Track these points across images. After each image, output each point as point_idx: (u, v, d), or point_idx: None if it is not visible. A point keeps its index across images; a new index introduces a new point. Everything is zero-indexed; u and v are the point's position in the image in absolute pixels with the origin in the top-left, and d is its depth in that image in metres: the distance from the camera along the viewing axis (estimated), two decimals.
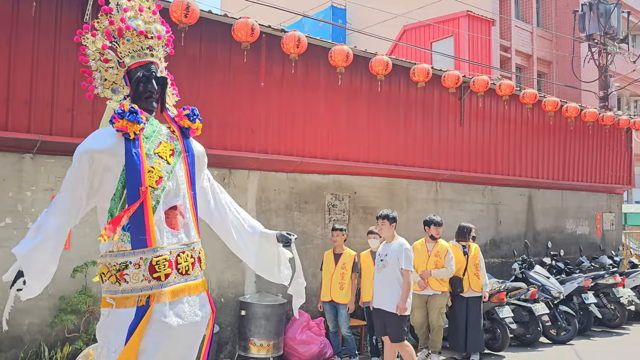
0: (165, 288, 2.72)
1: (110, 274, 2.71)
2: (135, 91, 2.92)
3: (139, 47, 2.92)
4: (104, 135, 2.82)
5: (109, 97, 2.92)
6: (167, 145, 2.93)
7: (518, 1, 18.71)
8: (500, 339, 7.36)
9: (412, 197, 9.07)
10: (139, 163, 2.74)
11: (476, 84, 8.78)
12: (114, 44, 2.91)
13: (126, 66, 2.92)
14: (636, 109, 22.25)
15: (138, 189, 2.71)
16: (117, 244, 2.71)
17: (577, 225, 12.08)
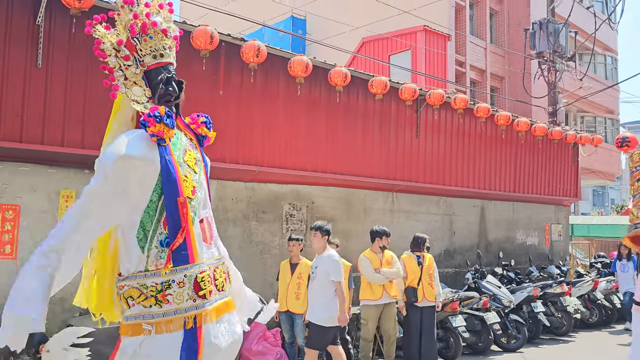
0: (210, 306, 2.51)
1: (144, 297, 2.43)
2: (155, 93, 2.68)
3: (161, 46, 2.69)
4: (136, 140, 2.52)
5: (134, 97, 2.65)
6: (191, 154, 2.74)
7: (473, 18, 19.28)
8: (453, 347, 7.50)
9: (369, 207, 9.17)
10: (174, 172, 2.51)
11: (432, 97, 8.99)
12: (134, 40, 2.66)
13: (146, 66, 2.68)
14: (583, 124, 23.22)
15: (175, 200, 2.47)
16: (153, 262, 2.45)
17: (527, 236, 12.47)
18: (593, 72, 21.32)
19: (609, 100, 22.46)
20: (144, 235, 2.48)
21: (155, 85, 2.66)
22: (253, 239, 7.72)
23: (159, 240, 2.46)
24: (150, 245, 2.46)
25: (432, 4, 17.26)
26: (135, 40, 2.65)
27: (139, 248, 2.47)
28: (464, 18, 18.27)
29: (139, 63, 2.67)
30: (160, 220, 2.48)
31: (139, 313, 2.44)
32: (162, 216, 2.48)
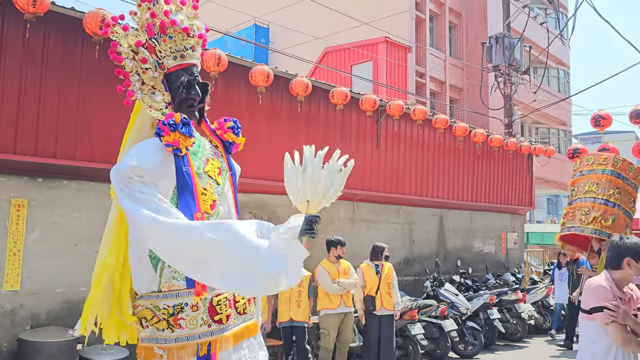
0: (227, 332, 2.29)
1: (157, 319, 2.24)
2: (176, 98, 2.46)
3: (182, 47, 2.46)
4: (150, 150, 2.30)
5: (149, 104, 2.42)
6: (214, 163, 2.51)
7: (433, 30, 19.71)
8: (412, 355, 7.60)
9: (330, 217, 9.22)
10: (191, 184, 2.30)
11: (392, 108, 9.14)
12: (153, 42, 2.44)
13: (166, 68, 2.45)
14: (537, 135, 23.97)
15: (192, 215, 2.25)
16: (166, 283, 2.26)
17: (484, 244, 12.77)
18: (547, 85, 22.07)
19: (562, 112, 23.30)
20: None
21: (175, 89, 2.44)
22: None
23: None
24: (164, 265, 2.25)
25: (394, 16, 17.58)
26: (154, 41, 2.43)
27: (152, 267, 2.27)
28: (424, 30, 18.66)
29: (158, 65, 2.45)
30: None
31: (152, 336, 2.27)
32: None
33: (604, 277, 3.41)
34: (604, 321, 3.23)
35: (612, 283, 3.35)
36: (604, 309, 3.22)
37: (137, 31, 2.47)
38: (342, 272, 6.96)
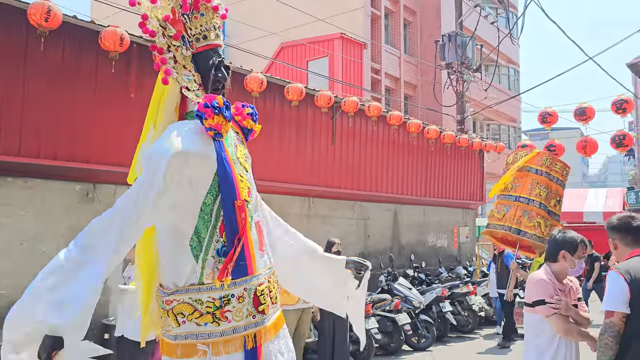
0: (268, 323, 2.25)
1: (199, 314, 2.14)
2: (205, 80, 2.35)
3: (211, 26, 2.36)
4: (192, 133, 2.20)
5: (184, 84, 2.29)
6: (241, 150, 2.44)
7: (388, 27, 19.93)
8: (366, 349, 7.70)
9: (285, 213, 9.21)
10: (230, 170, 2.22)
11: (347, 104, 9.20)
12: (184, 18, 2.31)
13: (195, 47, 2.34)
14: (488, 132, 24.65)
15: (233, 203, 2.18)
16: (210, 274, 2.16)
17: (437, 239, 13.06)
18: (497, 83, 22.70)
19: (512, 109, 24.02)
20: (199, 244, 2.18)
21: (205, 71, 2.34)
22: None
23: (216, 249, 2.17)
24: (207, 255, 2.17)
25: (350, 13, 17.67)
26: (186, 18, 2.31)
27: (193, 258, 2.17)
28: (379, 27, 18.85)
29: (188, 44, 2.33)
30: (216, 226, 2.19)
31: (192, 332, 2.15)
32: (218, 222, 2.19)
33: (544, 270, 3.56)
34: (546, 314, 3.36)
35: (552, 276, 3.49)
36: (545, 302, 3.36)
37: (177, 5, 2.34)
38: None
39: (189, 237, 2.19)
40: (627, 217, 3.15)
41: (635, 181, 39.83)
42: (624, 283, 2.80)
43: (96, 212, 3.44)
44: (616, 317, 2.79)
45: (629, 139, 10.46)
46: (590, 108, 10.43)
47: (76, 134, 6.36)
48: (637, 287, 2.77)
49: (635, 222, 3.07)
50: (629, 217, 3.14)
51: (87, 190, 6.75)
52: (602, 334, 2.83)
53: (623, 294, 2.79)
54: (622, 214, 3.24)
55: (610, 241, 3.17)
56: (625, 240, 3.07)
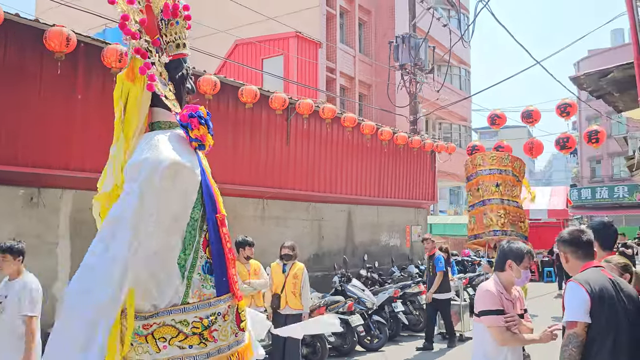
0: (247, 341, 2.18)
1: (184, 336, 2.00)
2: (177, 89, 2.28)
3: (184, 35, 2.31)
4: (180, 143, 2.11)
5: (161, 92, 2.18)
6: (205, 163, 2.41)
7: (343, 27, 20.01)
8: (319, 352, 7.75)
9: (239, 215, 9.15)
10: (209, 183, 2.17)
11: (301, 107, 9.20)
12: (162, 23, 2.23)
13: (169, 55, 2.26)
14: (440, 130, 25.17)
15: (215, 217, 2.12)
16: (196, 292, 2.04)
17: (390, 238, 13.26)
18: (449, 83, 23.17)
19: (463, 109, 24.61)
20: (185, 260, 2.06)
21: (179, 79, 2.29)
22: None
23: (201, 266, 2.07)
24: (192, 273, 2.06)
25: (305, 11, 17.64)
26: (163, 24, 2.23)
27: (180, 276, 2.05)
28: (334, 26, 18.90)
29: (164, 51, 2.26)
30: (200, 242, 2.11)
31: (175, 356, 2.02)
32: (201, 237, 2.12)
33: (493, 280, 3.67)
34: (488, 324, 3.50)
35: (501, 286, 3.60)
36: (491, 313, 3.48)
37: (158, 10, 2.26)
38: (252, 272, 6.93)
39: (176, 254, 2.08)
40: (577, 231, 3.22)
41: (577, 178, 41.62)
42: (585, 293, 2.86)
43: (41, 217, 3.29)
44: (579, 327, 2.85)
45: (572, 141, 10.91)
46: (536, 111, 10.84)
47: (19, 137, 6.11)
48: (597, 297, 2.86)
49: (585, 237, 3.16)
50: (579, 231, 3.21)
51: (31, 195, 6.49)
52: (566, 345, 2.87)
53: (585, 304, 2.85)
54: (572, 229, 3.31)
55: (561, 254, 3.24)
56: (576, 254, 3.15)
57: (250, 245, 6.95)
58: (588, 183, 38.11)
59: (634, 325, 2.93)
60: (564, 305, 3.00)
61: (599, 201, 34.42)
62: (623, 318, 2.86)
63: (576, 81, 5.27)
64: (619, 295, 2.89)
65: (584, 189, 36.07)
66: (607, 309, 2.84)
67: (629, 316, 2.90)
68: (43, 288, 6.35)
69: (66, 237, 6.66)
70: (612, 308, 2.85)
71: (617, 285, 2.95)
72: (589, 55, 38.94)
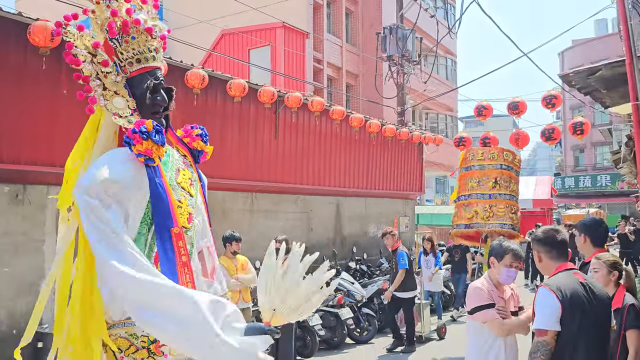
0: None
1: (135, 349, 2.04)
2: (141, 104, 2.26)
3: (145, 49, 2.27)
4: (120, 161, 2.10)
5: (115, 111, 2.18)
6: (185, 174, 2.33)
7: (330, 16, 19.91)
8: (309, 345, 7.79)
9: (228, 209, 9.12)
10: (166, 197, 2.13)
11: (290, 100, 9.15)
12: (114, 42, 2.21)
13: (128, 72, 2.25)
14: (427, 120, 25.26)
15: (169, 231, 2.10)
16: None
17: (378, 229, 13.30)
18: (436, 73, 23.20)
19: (449, 99, 24.70)
20: None
21: (141, 95, 2.25)
22: None
23: None
24: None
25: (291, 0, 17.49)
26: (115, 42, 2.22)
27: None
28: (321, 16, 18.79)
29: (120, 69, 2.24)
30: (151, 257, 2.10)
31: None
32: (152, 252, 2.12)
33: (484, 278, 3.70)
34: (482, 320, 3.53)
35: (491, 283, 3.62)
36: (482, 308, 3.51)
37: (93, 31, 2.24)
38: (239, 267, 6.94)
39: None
40: (552, 230, 3.16)
41: (561, 167, 42.11)
42: (556, 300, 2.82)
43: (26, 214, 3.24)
44: (549, 335, 2.82)
45: (557, 132, 11.03)
46: (522, 102, 10.93)
47: (4, 134, 6.01)
48: (568, 304, 2.82)
49: (560, 236, 3.10)
50: (554, 230, 3.16)
51: (16, 192, 6.40)
52: (535, 353, 2.84)
53: (556, 312, 2.82)
54: (547, 227, 3.25)
55: (535, 253, 3.20)
56: (550, 254, 3.10)
57: (237, 240, 6.94)
58: (572, 172, 38.58)
59: (604, 328, 2.95)
60: (534, 310, 2.98)
61: (582, 190, 34.92)
62: (594, 322, 2.85)
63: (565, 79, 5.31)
64: (590, 299, 2.86)
65: (568, 178, 36.55)
66: (578, 315, 2.82)
67: (600, 319, 2.90)
68: (30, 286, 6.32)
69: (53, 234, 6.58)
70: (583, 314, 2.82)
71: (589, 288, 2.91)
72: (573, 45, 39.23)
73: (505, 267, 3.52)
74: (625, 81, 4.53)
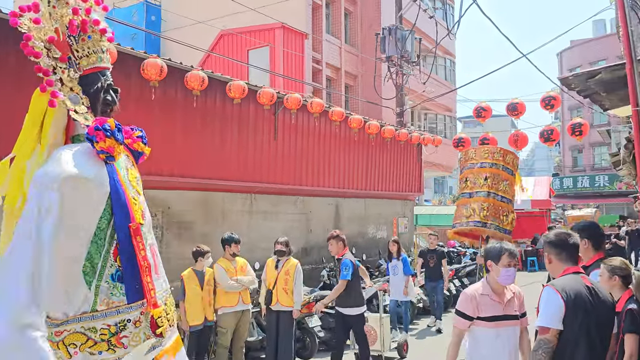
0: (166, 345, 2.25)
1: (93, 342, 2.09)
2: (93, 102, 2.32)
3: (99, 48, 2.34)
4: (82, 156, 2.16)
5: (72, 107, 2.23)
6: (132, 172, 2.43)
7: (329, 17, 19.90)
8: (309, 347, 7.80)
9: (227, 210, 9.13)
10: (123, 194, 2.21)
11: (289, 101, 9.15)
12: (71, 40, 2.27)
13: (82, 70, 2.31)
14: (426, 121, 25.27)
15: (127, 227, 2.18)
16: (104, 300, 2.12)
17: (377, 230, 13.33)
18: (434, 74, 23.21)
19: (448, 100, 24.71)
20: (92, 270, 2.14)
21: (93, 93, 2.33)
22: None
23: (110, 275, 2.14)
24: (100, 282, 2.13)
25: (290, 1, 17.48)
26: (72, 40, 2.28)
27: (86, 285, 2.13)
28: (320, 16, 18.79)
29: (76, 66, 2.30)
30: (110, 251, 2.17)
31: None
32: (112, 246, 2.18)
33: (480, 283, 3.70)
34: (453, 323, 3.65)
35: (487, 287, 3.61)
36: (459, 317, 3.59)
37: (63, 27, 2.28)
38: (239, 269, 6.94)
39: (81, 263, 2.16)
40: (564, 234, 3.22)
41: (560, 167, 42.17)
42: (561, 300, 2.92)
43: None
44: (551, 334, 2.92)
45: (556, 133, 11.04)
46: (521, 104, 10.94)
47: None
48: (571, 304, 2.92)
49: (572, 240, 3.16)
50: (566, 234, 3.22)
51: None
52: (536, 350, 2.94)
53: (559, 311, 2.92)
54: (559, 230, 3.31)
55: (545, 255, 3.26)
56: (560, 256, 3.16)
57: (236, 242, 6.93)
58: (570, 172, 38.63)
59: (605, 330, 3.03)
60: (539, 308, 3.06)
61: (580, 190, 34.97)
62: (595, 324, 2.94)
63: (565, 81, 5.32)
64: (593, 302, 2.95)
65: (566, 178, 36.60)
66: (581, 315, 2.90)
67: (601, 321, 2.98)
68: None
69: None
70: (585, 315, 2.91)
71: (593, 291, 3.00)
72: (571, 45, 39.28)
73: (504, 268, 3.54)
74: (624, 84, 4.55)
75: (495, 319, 3.52)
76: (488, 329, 3.52)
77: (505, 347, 3.54)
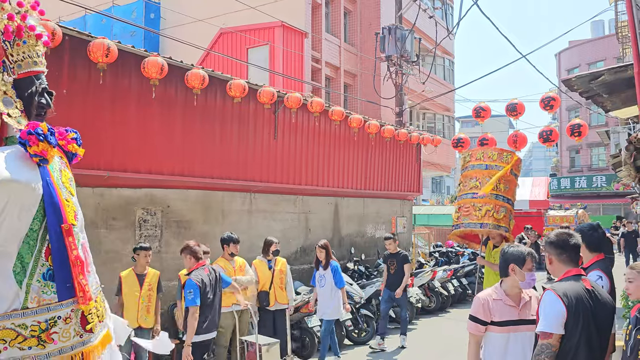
0: (96, 340, 2.32)
1: (22, 338, 2.15)
2: (27, 106, 2.35)
3: (34, 53, 2.36)
4: (16, 159, 2.19)
5: (3, 110, 2.27)
6: (66, 174, 2.45)
7: (328, 16, 19.87)
8: (308, 346, 7.80)
9: (227, 209, 9.11)
10: (56, 195, 2.25)
11: (289, 100, 9.14)
12: (5, 44, 2.29)
13: (16, 74, 2.32)
14: (424, 120, 25.28)
15: (60, 228, 2.24)
16: (35, 298, 2.17)
17: (375, 230, 13.32)
18: (433, 73, 23.21)
19: (447, 100, 24.72)
20: (22, 269, 2.19)
21: (27, 97, 2.34)
22: (102, 248, 7.26)
23: (42, 274, 2.19)
24: (31, 280, 2.18)
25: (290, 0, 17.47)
26: (7, 44, 2.29)
27: (17, 283, 2.18)
28: (320, 15, 18.76)
29: (10, 70, 2.31)
30: (42, 250, 2.22)
31: (16, 357, 2.16)
32: (43, 246, 2.23)
33: (492, 288, 3.63)
34: (468, 329, 3.55)
35: (501, 291, 3.53)
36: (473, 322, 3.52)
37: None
38: (237, 269, 6.92)
39: (12, 263, 2.20)
40: (565, 234, 3.19)
41: (557, 168, 42.25)
42: (562, 306, 2.91)
43: None
44: (553, 339, 2.91)
45: (555, 134, 11.04)
46: (520, 104, 10.93)
47: None
48: (573, 310, 2.91)
49: (573, 240, 3.14)
50: (567, 234, 3.19)
51: None
52: (539, 355, 2.92)
53: (561, 316, 2.91)
54: (561, 231, 3.28)
55: (546, 255, 3.25)
56: (561, 257, 3.15)
57: (235, 242, 6.91)
58: (567, 172, 38.72)
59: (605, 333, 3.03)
60: (539, 313, 3.03)
61: (577, 190, 35.06)
62: (595, 328, 2.95)
63: (567, 83, 5.31)
64: (594, 306, 2.96)
65: (563, 179, 36.68)
66: (582, 319, 2.91)
67: (601, 325, 2.99)
68: None
69: None
70: (586, 319, 2.92)
71: (594, 295, 3.01)
72: (569, 46, 39.35)
73: (528, 272, 3.48)
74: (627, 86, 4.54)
75: (509, 323, 3.44)
76: (498, 334, 3.45)
77: (519, 353, 3.42)
